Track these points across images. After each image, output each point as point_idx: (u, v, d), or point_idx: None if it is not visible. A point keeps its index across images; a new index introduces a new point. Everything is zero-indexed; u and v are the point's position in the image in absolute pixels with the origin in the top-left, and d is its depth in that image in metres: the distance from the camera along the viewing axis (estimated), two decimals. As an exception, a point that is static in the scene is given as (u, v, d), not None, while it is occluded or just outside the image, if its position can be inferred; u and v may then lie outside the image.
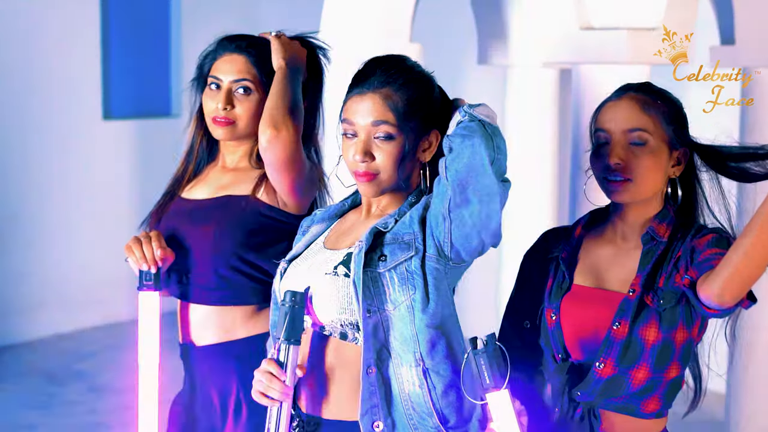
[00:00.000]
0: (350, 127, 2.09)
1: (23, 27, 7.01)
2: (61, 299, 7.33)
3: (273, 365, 2.06)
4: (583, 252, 2.18)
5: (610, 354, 2.04)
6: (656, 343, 2.03)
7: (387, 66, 2.10)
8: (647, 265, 2.07)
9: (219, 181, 2.65)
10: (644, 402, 2.07)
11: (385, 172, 2.07)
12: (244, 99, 2.56)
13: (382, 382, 2.03)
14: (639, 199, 2.10)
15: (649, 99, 2.12)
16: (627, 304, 2.05)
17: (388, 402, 2.03)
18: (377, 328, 2.02)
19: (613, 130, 2.11)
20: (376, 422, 2.02)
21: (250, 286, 2.57)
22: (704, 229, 2.10)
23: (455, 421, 2.04)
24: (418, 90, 2.09)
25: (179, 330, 2.66)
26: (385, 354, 2.04)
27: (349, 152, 2.09)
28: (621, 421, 2.08)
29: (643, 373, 2.04)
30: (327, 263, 2.09)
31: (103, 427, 5.48)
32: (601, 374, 2.05)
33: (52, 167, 7.25)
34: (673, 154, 2.12)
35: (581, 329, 2.09)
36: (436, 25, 6.49)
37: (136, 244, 2.54)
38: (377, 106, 2.07)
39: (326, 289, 2.05)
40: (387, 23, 4.64)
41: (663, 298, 2.03)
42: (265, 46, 2.59)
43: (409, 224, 2.04)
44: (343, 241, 2.15)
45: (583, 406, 2.08)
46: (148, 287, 2.54)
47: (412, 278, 2.01)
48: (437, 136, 2.10)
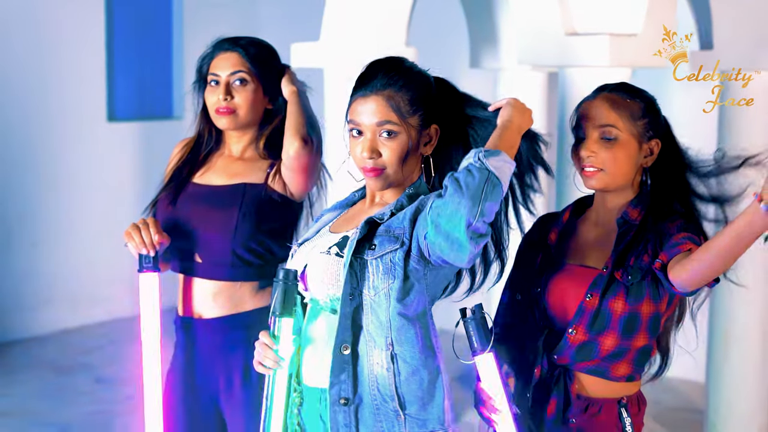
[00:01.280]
0: (356, 126, 2.23)
1: (31, 32, 7.04)
2: (67, 296, 7.36)
3: (266, 337, 2.24)
4: (571, 234, 2.41)
5: (581, 322, 2.26)
6: (624, 314, 2.25)
7: (387, 68, 2.24)
8: (620, 245, 2.29)
9: (230, 169, 2.86)
10: (614, 366, 2.29)
11: (391, 167, 2.21)
12: (241, 89, 2.79)
13: (354, 360, 2.17)
14: (611, 186, 2.33)
15: (619, 98, 2.34)
16: (599, 279, 2.27)
17: (355, 379, 2.17)
18: (357, 311, 2.16)
19: (586, 127, 2.33)
20: (343, 397, 2.16)
21: (259, 264, 2.78)
22: (675, 214, 2.31)
23: (415, 409, 2.17)
24: (417, 90, 2.24)
25: (180, 305, 2.85)
26: (361, 335, 2.17)
27: (356, 150, 2.23)
28: (592, 383, 2.30)
29: (611, 340, 2.26)
30: (325, 244, 2.25)
31: (110, 414, 5.56)
32: (573, 340, 2.27)
33: (58, 168, 7.28)
34: (644, 147, 2.33)
35: (563, 301, 2.32)
36: (429, 30, 6.53)
37: (135, 230, 2.73)
38: (381, 107, 2.20)
39: (319, 266, 2.21)
40: (384, 28, 4.70)
41: (631, 274, 2.25)
42: (254, 43, 2.84)
43: (402, 219, 2.16)
44: (345, 226, 2.30)
45: (560, 368, 2.29)
46: (148, 269, 2.73)
47: (394, 269, 2.14)
48: (437, 130, 2.26)
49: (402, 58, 2.31)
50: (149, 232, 2.72)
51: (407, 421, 2.16)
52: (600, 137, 2.32)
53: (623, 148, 2.31)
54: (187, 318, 2.84)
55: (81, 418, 5.52)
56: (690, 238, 2.20)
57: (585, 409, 2.29)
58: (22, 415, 5.56)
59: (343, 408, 2.16)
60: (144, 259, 2.73)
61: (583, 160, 2.34)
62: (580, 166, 2.36)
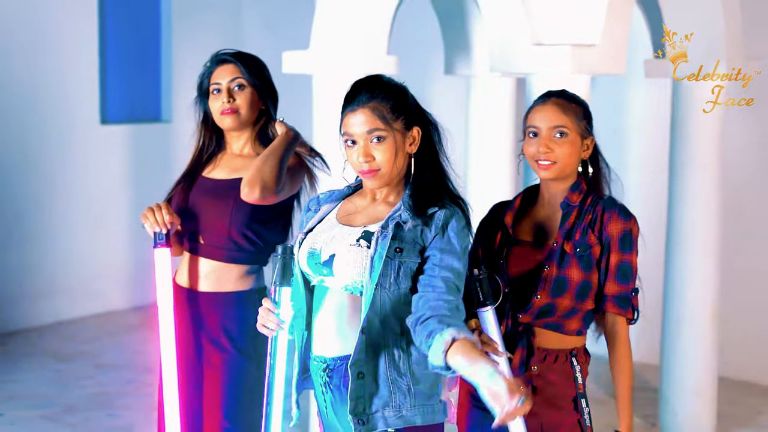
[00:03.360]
0: (350, 137, 2.52)
1: (28, 39, 7.18)
2: (63, 290, 7.53)
3: (269, 303, 2.60)
4: (523, 216, 2.83)
5: (545, 288, 2.70)
6: (579, 281, 2.69)
7: (369, 85, 2.53)
8: (564, 223, 2.73)
9: (231, 164, 3.28)
10: (567, 323, 2.72)
11: (384, 166, 2.51)
12: (240, 93, 3.23)
13: (372, 342, 2.45)
14: (561, 176, 2.75)
15: (566, 102, 2.76)
16: (552, 252, 2.71)
17: (375, 358, 2.45)
18: (382, 300, 2.44)
19: (541, 127, 2.75)
20: (362, 372, 2.43)
21: (252, 250, 3.20)
22: (612, 203, 2.74)
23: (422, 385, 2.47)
24: (396, 99, 2.53)
25: (186, 278, 3.26)
26: (381, 321, 2.44)
27: (353, 157, 2.53)
28: (549, 336, 2.73)
29: (567, 302, 2.70)
30: (349, 236, 2.51)
31: (112, 396, 5.80)
32: (537, 303, 2.70)
33: (55, 169, 7.41)
34: (584, 142, 2.77)
35: (521, 270, 2.75)
36: (408, 40, 6.68)
37: (150, 211, 3.14)
38: (368, 118, 2.50)
39: (350, 256, 2.48)
40: (368, 39, 4.85)
41: (579, 247, 2.70)
42: (245, 56, 3.28)
43: (425, 237, 2.46)
44: (356, 219, 2.57)
45: (523, 325, 2.74)
46: (161, 245, 3.13)
47: (412, 273, 2.46)
48: (419, 131, 2.58)
49: (380, 75, 2.60)
50: (162, 213, 3.13)
51: (416, 395, 2.50)
52: (553, 135, 2.73)
53: (572, 144, 2.74)
54: (189, 290, 3.24)
55: (84, 399, 5.73)
56: (625, 277, 2.72)
57: (543, 359, 2.73)
58: (29, 398, 5.76)
59: (360, 382, 2.44)
60: (157, 236, 3.12)
61: (538, 155, 2.74)
62: (534, 159, 2.76)
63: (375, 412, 2.46)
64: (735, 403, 5.86)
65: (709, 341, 5.24)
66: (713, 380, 5.27)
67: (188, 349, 3.25)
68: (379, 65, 4.73)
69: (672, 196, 5.27)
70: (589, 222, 2.72)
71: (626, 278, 2.72)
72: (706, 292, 5.21)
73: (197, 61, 3.78)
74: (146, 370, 6.30)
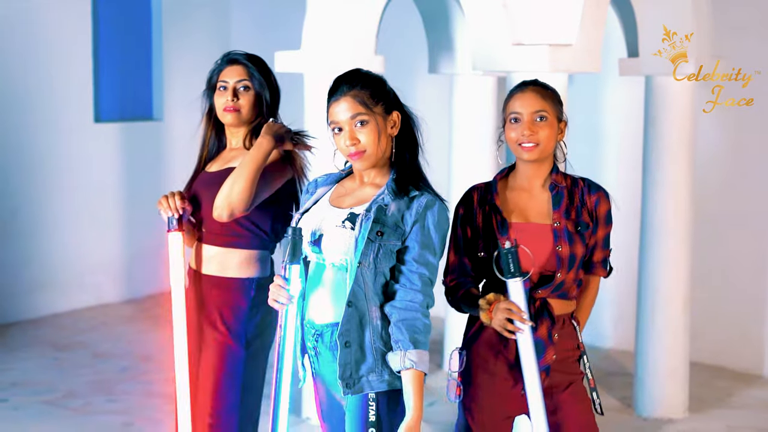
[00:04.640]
0: (337, 125, 2.73)
1: (23, 41, 7.26)
2: (59, 283, 7.64)
3: (280, 279, 2.79)
4: (504, 198, 3.01)
5: (564, 266, 2.92)
6: (583, 254, 2.96)
7: (348, 77, 2.75)
8: (559, 204, 2.95)
9: (226, 156, 3.48)
10: (570, 291, 2.98)
11: (369, 147, 2.71)
12: (245, 94, 3.43)
13: (358, 313, 2.69)
14: (542, 157, 2.97)
15: (543, 89, 2.98)
16: (562, 233, 2.93)
17: (360, 328, 2.69)
18: (365, 277, 2.66)
19: (522, 112, 2.95)
20: (348, 340, 2.68)
21: (247, 236, 3.38)
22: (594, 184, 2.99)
23: None
24: (374, 86, 2.74)
25: (194, 261, 3.46)
26: (364, 294, 2.68)
27: (340, 142, 2.73)
28: (558, 303, 2.97)
29: (574, 273, 2.95)
30: (336, 218, 2.74)
31: (110, 382, 5.94)
32: (560, 280, 2.93)
33: (50, 166, 7.51)
34: (560, 126, 3.00)
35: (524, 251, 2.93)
36: (394, 40, 6.75)
37: (164, 198, 3.36)
38: (351, 104, 2.71)
39: (337, 236, 2.71)
40: (356, 39, 5.01)
41: (580, 225, 2.94)
42: (255, 59, 3.46)
43: (405, 222, 2.67)
44: (345, 201, 2.78)
45: (540, 300, 2.94)
46: (174, 229, 3.34)
47: (392, 255, 2.68)
48: (398, 116, 2.78)
49: (358, 69, 2.81)
50: (174, 199, 3.35)
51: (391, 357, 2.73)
52: (534, 119, 2.93)
53: (551, 127, 2.96)
54: (196, 271, 3.45)
55: (84, 386, 5.87)
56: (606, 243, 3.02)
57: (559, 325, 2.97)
58: (30, 385, 5.89)
59: (347, 350, 2.68)
60: (170, 221, 3.34)
61: (521, 138, 2.93)
62: (517, 143, 2.95)
63: (361, 377, 2.71)
64: (706, 385, 6.01)
65: (681, 327, 5.42)
66: (685, 364, 5.45)
67: (190, 327, 3.43)
68: (367, 64, 4.86)
69: (645, 188, 5.45)
70: (580, 201, 2.96)
71: (608, 245, 3.03)
72: (679, 282, 5.39)
73: (187, 60, 3.94)
74: (142, 358, 6.44)
